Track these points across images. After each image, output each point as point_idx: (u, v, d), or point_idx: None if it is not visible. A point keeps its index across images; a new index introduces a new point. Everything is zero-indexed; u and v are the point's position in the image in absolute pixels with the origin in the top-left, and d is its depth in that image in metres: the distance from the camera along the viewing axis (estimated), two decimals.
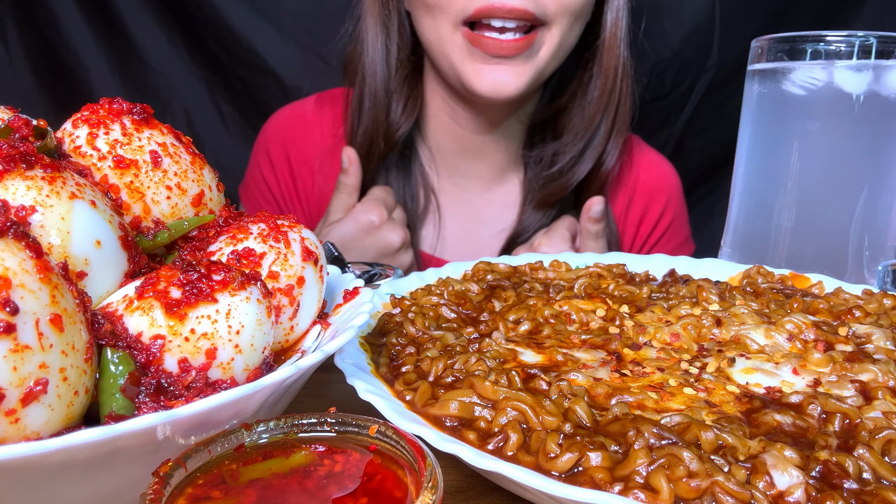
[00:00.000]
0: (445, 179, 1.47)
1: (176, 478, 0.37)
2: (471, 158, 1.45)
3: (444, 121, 1.41)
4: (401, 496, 0.38)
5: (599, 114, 1.34)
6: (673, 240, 1.52)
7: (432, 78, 1.39)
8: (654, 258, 0.98)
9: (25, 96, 1.75)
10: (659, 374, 0.60)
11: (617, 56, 1.31)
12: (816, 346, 0.65)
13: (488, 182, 1.48)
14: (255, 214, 0.61)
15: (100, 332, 0.45)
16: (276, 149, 1.48)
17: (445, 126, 1.42)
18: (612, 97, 1.33)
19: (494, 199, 1.48)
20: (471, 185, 1.47)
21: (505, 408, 0.52)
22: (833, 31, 0.94)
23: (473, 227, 1.47)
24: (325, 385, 0.72)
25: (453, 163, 1.46)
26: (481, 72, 1.21)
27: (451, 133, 1.43)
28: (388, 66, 1.34)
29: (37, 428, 0.39)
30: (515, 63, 1.21)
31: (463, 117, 1.39)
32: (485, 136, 1.41)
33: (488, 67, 1.20)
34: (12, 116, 0.55)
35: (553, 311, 0.73)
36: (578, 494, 0.42)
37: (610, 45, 1.30)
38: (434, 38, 1.25)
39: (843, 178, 1.00)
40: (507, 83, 1.21)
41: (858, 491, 0.44)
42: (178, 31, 1.78)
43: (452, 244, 1.45)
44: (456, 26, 1.20)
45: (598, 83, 1.33)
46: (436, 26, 1.23)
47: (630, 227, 1.49)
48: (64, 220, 0.47)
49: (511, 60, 1.20)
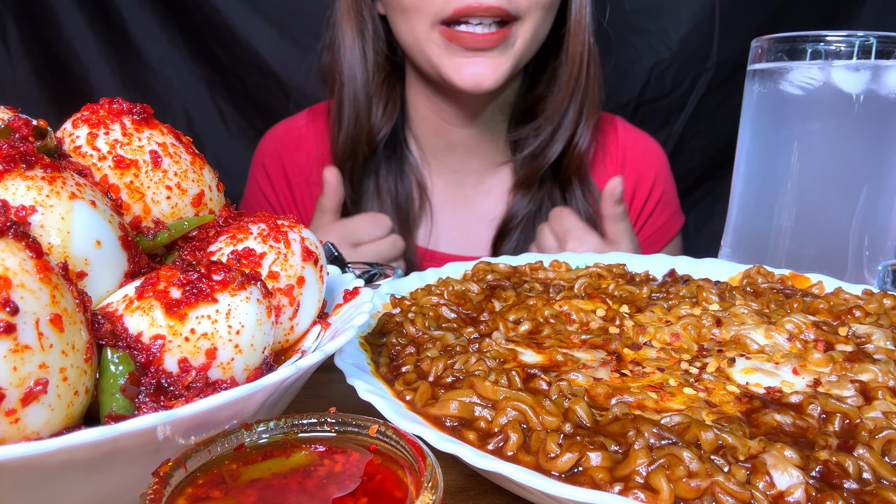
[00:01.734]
0: (438, 176, 1.50)
1: (176, 478, 0.37)
2: (461, 153, 1.49)
3: (430, 119, 1.45)
4: (401, 496, 0.38)
5: (567, 98, 1.39)
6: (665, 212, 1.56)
7: (414, 78, 1.42)
8: (654, 258, 0.98)
9: (25, 96, 1.75)
10: (659, 374, 0.60)
11: (582, 42, 1.35)
12: (816, 346, 0.65)
13: (481, 175, 1.51)
14: (255, 214, 0.61)
15: (100, 332, 0.45)
16: (273, 163, 1.52)
17: (432, 124, 1.46)
18: (578, 81, 1.38)
19: (489, 191, 1.51)
20: (464, 179, 1.51)
21: (505, 408, 0.52)
22: (833, 31, 0.94)
23: (471, 221, 1.50)
24: (325, 385, 0.72)
25: (444, 160, 1.49)
26: (460, 66, 1.25)
27: (438, 130, 1.46)
28: (366, 70, 1.37)
29: (37, 428, 0.39)
30: (492, 55, 1.25)
31: (447, 112, 1.43)
32: (471, 130, 1.45)
33: (466, 61, 1.24)
34: (12, 116, 0.55)
35: (553, 311, 0.73)
36: (578, 494, 0.42)
37: (575, 33, 1.35)
38: (411, 39, 1.28)
39: (843, 178, 1.00)
40: (485, 76, 1.25)
41: (858, 491, 0.44)
42: (178, 31, 1.79)
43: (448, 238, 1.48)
44: (433, 26, 1.23)
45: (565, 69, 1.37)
46: (412, 27, 1.26)
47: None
48: (64, 220, 0.47)
49: (488, 52, 1.24)
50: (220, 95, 1.84)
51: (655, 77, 1.79)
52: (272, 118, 1.64)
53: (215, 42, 1.78)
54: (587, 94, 1.39)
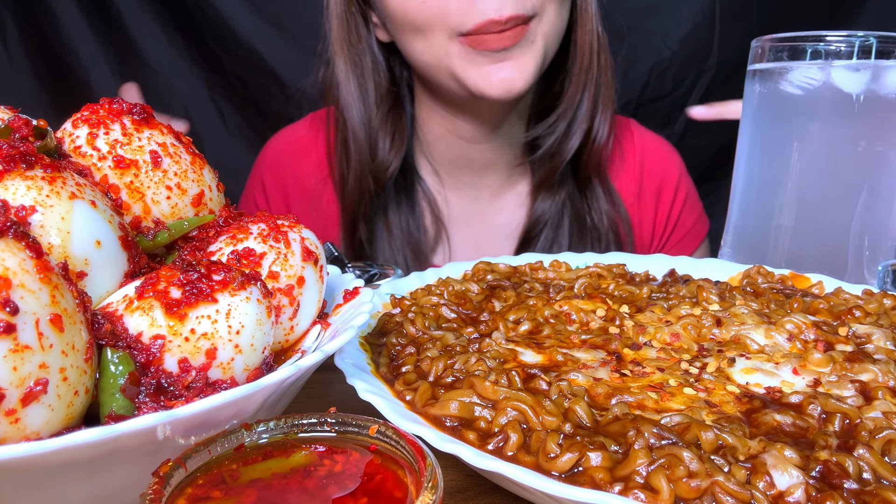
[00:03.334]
0: (453, 192, 1.46)
1: (176, 478, 0.37)
2: (478, 167, 1.44)
3: (445, 137, 1.40)
4: (401, 496, 0.38)
5: (580, 90, 1.35)
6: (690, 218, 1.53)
7: (426, 99, 1.38)
8: (654, 258, 0.98)
9: (25, 96, 1.75)
10: (659, 374, 0.60)
11: (590, 31, 1.33)
12: (816, 346, 0.65)
13: (497, 189, 1.47)
14: (255, 214, 0.61)
15: (100, 332, 0.45)
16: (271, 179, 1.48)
17: (447, 142, 1.41)
18: (590, 73, 1.35)
19: (503, 206, 1.48)
20: (479, 193, 1.47)
21: (505, 408, 0.52)
22: (833, 31, 0.94)
23: (484, 237, 1.47)
24: (325, 385, 0.72)
25: (460, 176, 1.45)
26: (488, 74, 1.20)
27: (453, 147, 1.42)
28: (367, 105, 1.32)
29: (37, 428, 0.39)
30: (517, 56, 1.20)
31: (464, 129, 1.38)
32: (489, 144, 1.41)
33: (494, 67, 1.20)
34: (12, 116, 0.55)
35: (553, 311, 0.73)
36: (578, 494, 0.42)
37: (583, 21, 1.32)
38: (429, 57, 1.24)
39: (843, 178, 1.00)
40: (514, 79, 1.21)
41: (858, 491, 0.44)
42: (178, 31, 1.79)
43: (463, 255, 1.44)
44: (451, 39, 1.19)
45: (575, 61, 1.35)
46: (430, 45, 1.22)
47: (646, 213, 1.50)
48: (64, 220, 0.47)
49: (512, 53, 1.20)
50: (220, 95, 1.84)
51: (655, 77, 1.79)
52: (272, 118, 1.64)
53: (215, 42, 1.78)
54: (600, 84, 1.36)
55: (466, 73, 1.21)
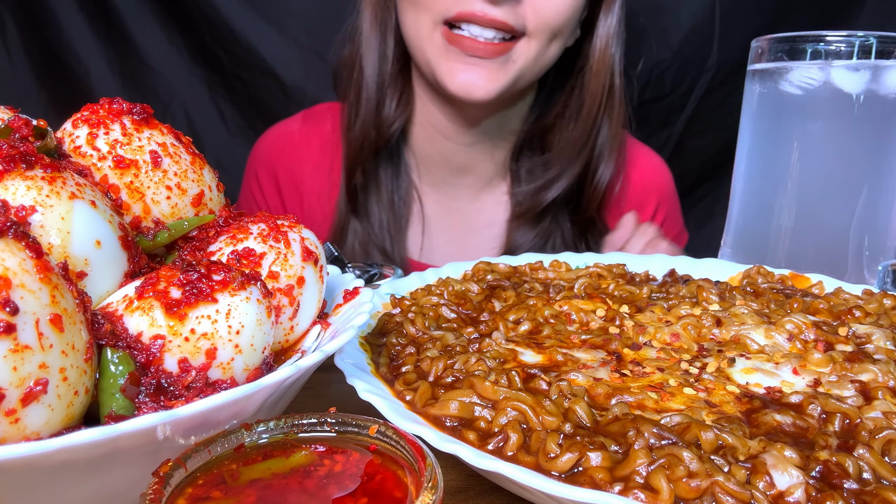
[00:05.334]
0: (431, 188, 1.48)
1: (176, 478, 0.37)
2: (455, 170, 1.46)
3: (425, 127, 1.43)
4: (401, 496, 0.38)
5: (583, 138, 1.35)
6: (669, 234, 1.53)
7: (417, 76, 1.41)
8: (654, 258, 0.98)
9: (25, 96, 1.75)
10: (659, 374, 0.60)
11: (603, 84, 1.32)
12: (816, 347, 0.65)
13: (476, 191, 1.49)
14: (255, 214, 0.61)
15: (100, 332, 0.45)
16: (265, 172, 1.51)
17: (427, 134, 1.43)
18: (596, 122, 1.34)
19: (484, 207, 1.49)
20: (458, 193, 1.48)
21: (505, 408, 0.52)
22: (833, 31, 0.94)
23: (465, 235, 1.48)
24: (325, 385, 0.72)
25: (438, 174, 1.47)
26: (455, 71, 1.22)
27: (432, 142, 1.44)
28: (384, 57, 1.35)
29: (37, 428, 0.39)
30: (490, 67, 1.22)
31: (439, 120, 1.40)
32: (465, 146, 1.42)
33: (462, 67, 1.22)
34: (12, 116, 0.55)
35: (553, 311, 0.73)
36: (578, 494, 0.42)
37: (597, 72, 1.32)
38: (413, 32, 1.27)
39: (843, 178, 1.00)
40: (478, 85, 1.22)
41: (858, 491, 0.44)
42: (178, 31, 1.78)
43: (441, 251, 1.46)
44: (436, 25, 1.22)
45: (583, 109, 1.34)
46: (416, 22, 1.25)
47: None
48: (64, 220, 0.47)
49: (486, 64, 1.21)
50: (220, 95, 1.84)
51: (655, 77, 1.79)
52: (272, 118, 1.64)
53: (215, 42, 1.78)
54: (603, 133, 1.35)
55: (438, 63, 1.24)
